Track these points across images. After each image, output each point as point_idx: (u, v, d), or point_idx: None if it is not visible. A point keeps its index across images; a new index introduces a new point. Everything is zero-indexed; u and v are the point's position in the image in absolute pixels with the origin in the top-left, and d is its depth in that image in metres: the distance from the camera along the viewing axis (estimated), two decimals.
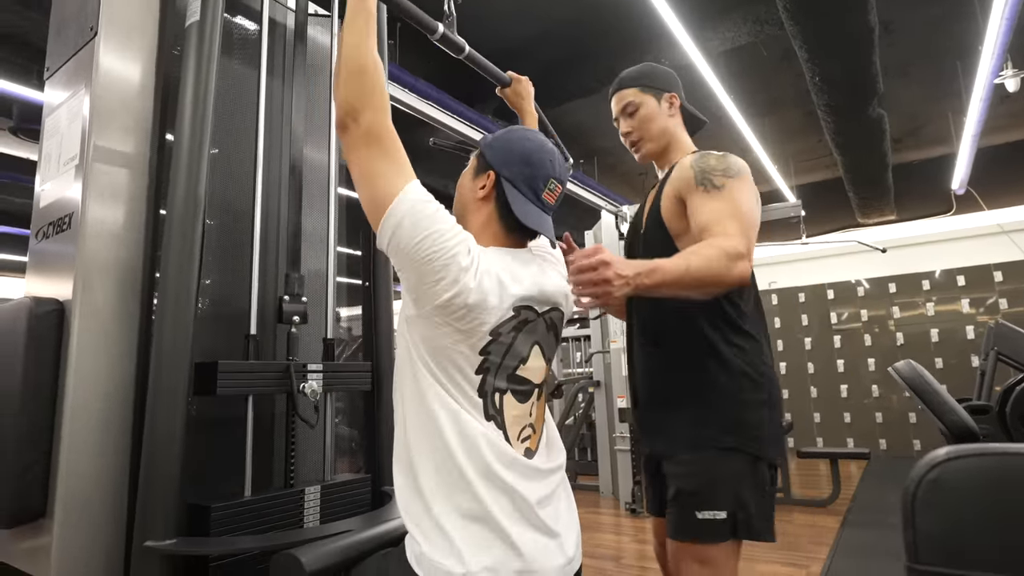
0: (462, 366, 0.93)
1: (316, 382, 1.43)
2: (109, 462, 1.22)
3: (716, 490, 1.17)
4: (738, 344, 1.23)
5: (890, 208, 6.49)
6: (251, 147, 1.50)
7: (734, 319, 1.24)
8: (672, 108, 1.42)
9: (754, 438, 1.19)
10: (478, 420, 0.92)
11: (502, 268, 0.96)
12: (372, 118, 0.93)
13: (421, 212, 0.89)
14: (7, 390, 1.17)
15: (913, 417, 6.43)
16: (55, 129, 1.40)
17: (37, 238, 1.38)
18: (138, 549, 1.11)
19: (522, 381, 0.99)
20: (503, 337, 0.95)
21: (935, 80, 4.92)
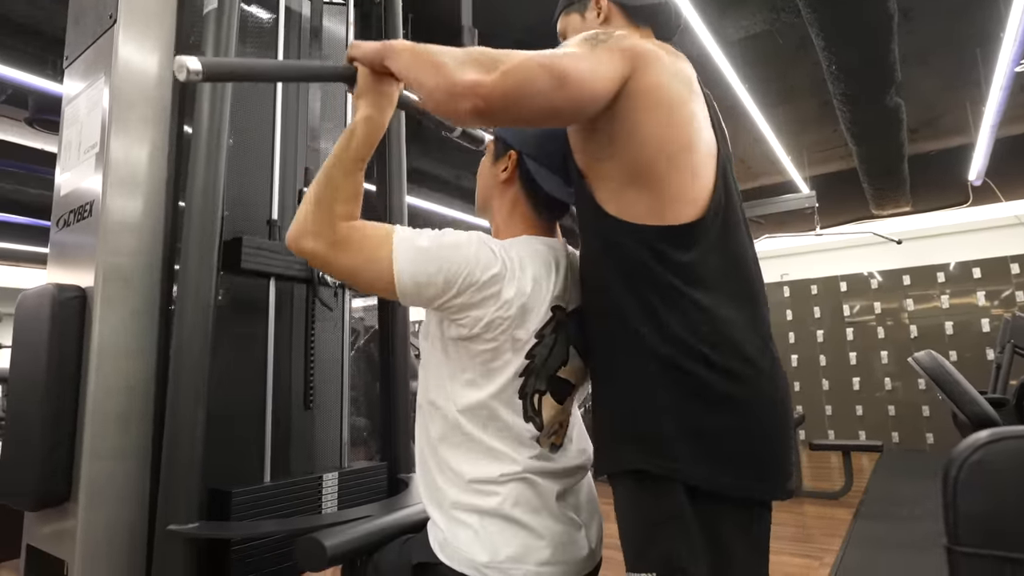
0: (507, 369, 0.91)
1: None
2: (131, 446, 1.24)
3: (637, 539, 0.83)
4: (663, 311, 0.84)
5: (905, 199, 6.41)
6: (268, 137, 1.51)
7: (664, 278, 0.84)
8: (600, 12, 1.07)
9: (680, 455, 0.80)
10: (515, 422, 0.91)
11: (537, 265, 0.94)
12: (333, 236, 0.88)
13: (422, 263, 0.86)
14: (32, 375, 1.19)
15: (926, 410, 6.38)
16: (74, 117, 1.41)
17: (58, 226, 1.39)
18: (161, 532, 1.13)
19: (562, 382, 0.96)
20: (547, 339, 0.93)
21: (954, 68, 4.84)
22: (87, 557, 1.15)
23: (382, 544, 1.00)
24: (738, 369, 0.83)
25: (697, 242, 0.86)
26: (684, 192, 0.87)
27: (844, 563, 2.83)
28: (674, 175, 0.86)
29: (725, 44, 3.62)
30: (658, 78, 0.87)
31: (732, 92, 4.21)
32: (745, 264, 0.92)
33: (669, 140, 0.86)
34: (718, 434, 0.81)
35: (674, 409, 0.81)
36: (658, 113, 0.86)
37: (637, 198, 0.87)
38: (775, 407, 0.85)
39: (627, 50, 0.86)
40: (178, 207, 1.36)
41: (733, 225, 0.91)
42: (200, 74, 0.82)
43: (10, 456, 1.23)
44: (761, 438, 0.83)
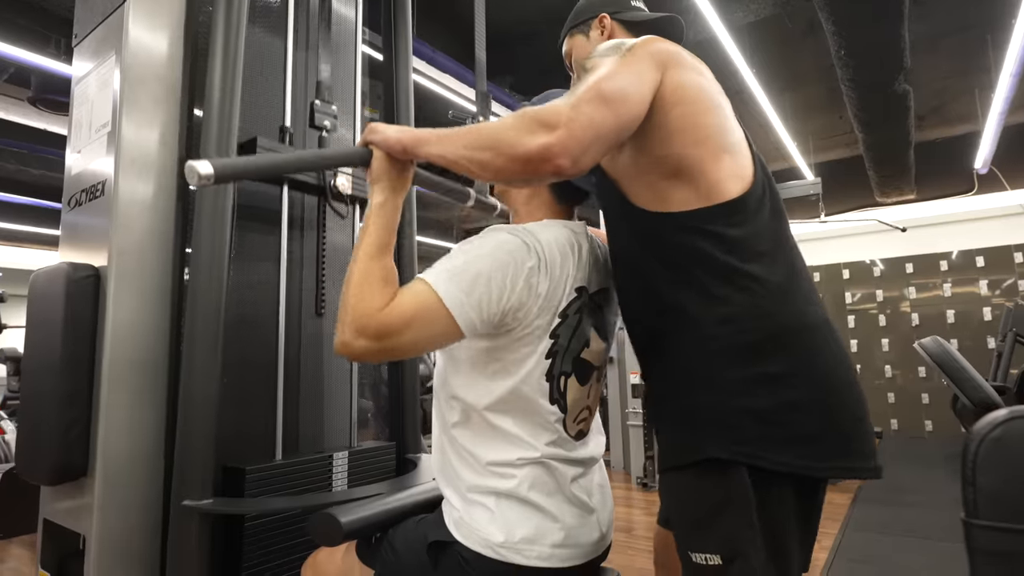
0: (534, 354, 0.91)
1: (346, 179, 1.49)
2: (146, 423, 1.25)
3: (699, 521, 0.83)
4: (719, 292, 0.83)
5: (910, 187, 6.39)
6: (278, 119, 1.51)
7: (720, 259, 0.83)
8: (604, 31, 1.14)
9: (748, 438, 0.79)
10: (541, 404, 0.92)
11: (560, 246, 0.94)
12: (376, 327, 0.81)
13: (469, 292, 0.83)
14: (47, 353, 1.20)
15: (926, 398, 6.42)
16: (84, 97, 1.41)
17: (70, 205, 1.40)
18: (177, 508, 1.15)
19: (585, 364, 0.97)
20: (570, 319, 0.93)
21: (963, 54, 4.79)
22: (104, 531, 1.17)
23: (396, 521, 1.02)
24: (803, 341, 0.82)
25: (748, 216, 0.86)
26: (729, 170, 0.87)
27: (843, 546, 2.87)
28: (716, 157, 0.87)
29: (733, 29, 3.59)
30: (687, 74, 0.88)
31: (739, 77, 4.19)
32: (790, 235, 0.93)
33: (706, 127, 0.87)
34: (793, 411, 0.79)
35: (742, 391, 0.80)
36: (692, 106, 0.87)
37: (680, 187, 0.87)
38: (844, 374, 0.83)
39: (654, 53, 0.87)
40: (190, 188, 1.36)
41: (776, 197, 0.93)
42: (212, 178, 0.77)
43: (28, 433, 1.25)
44: (837, 411, 0.81)
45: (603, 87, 0.79)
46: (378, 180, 0.91)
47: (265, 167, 0.92)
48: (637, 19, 1.13)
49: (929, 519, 3.26)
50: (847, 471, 0.81)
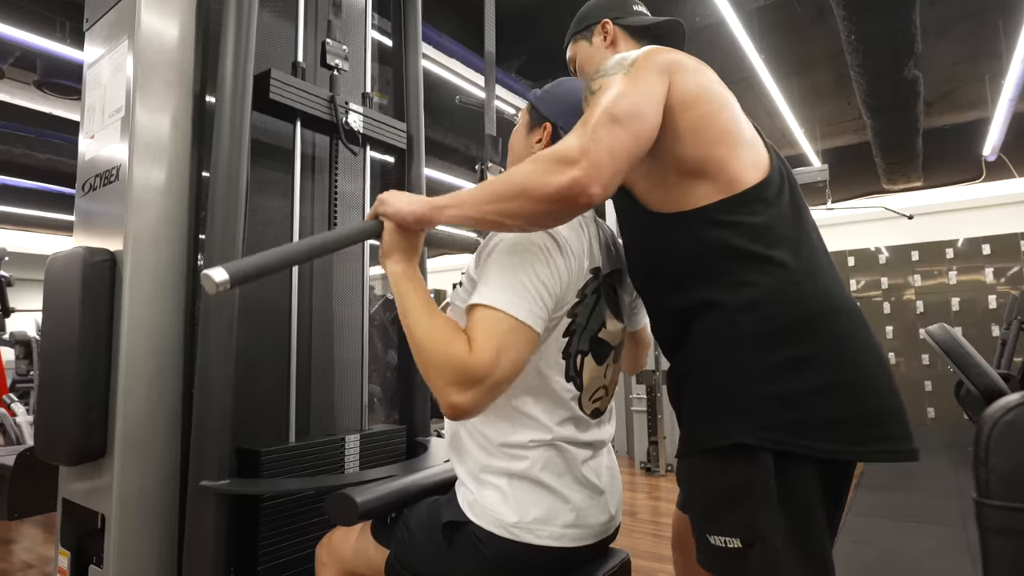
0: (552, 332, 0.92)
1: (358, 119, 1.51)
2: (162, 405, 1.27)
3: (719, 505, 0.83)
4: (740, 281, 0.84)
5: (917, 174, 6.36)
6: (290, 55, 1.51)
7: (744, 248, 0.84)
8: (607, 37, 1.13)
9: (772, 423, 0.79)
10: (557, 381, 0.93)
11: (577, 230, 0.96)
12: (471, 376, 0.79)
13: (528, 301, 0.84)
14: (66, 336, 1.22)
15: (928, 385, 6.44)
16: (97, 82, 1.41)
17: (84, 190, 1.41)
18: (194, 488, 1.17)
19: (602, 343, 0.99)
20: (588, 299, 0.95)
21: (974, 40, 4.74)
22: (124, 510, 1.20)
23: (410, 502, 1.04)
24: (829, 324, 0.82)
25: (770, 202, 0.87)
26: (748, 159, 0.89)
27: (846, 530, 2.90)
28: (734, 151, 0.88)
29: (742, 13, 3.56)
30: (693, 77, 0.89)
31: (747, 62, 4.15)
32: (811, 220, 0.94)
33: (720, 123, 0.89)
34: (820, 395, 0.79)
35: (768, 376, 0.80)
36: (705, 106, 0.88)
37: (700, 184, 0.88)
38: (872, 356, 0.84)
39: (658, 63, 0.88)
40: (202, 171, 1.37)
41: (794, 184, 0.95)
42: (228, 283, 0.78)
43: (47, 415, 1.27)
44: (864, 391, 0.81)
45: (614, 110, 0.79)
46: (390, 254, 0.91)
47: (282, 259, 0.88)
48: (639, 24, 1.13)
49: (931, 504, 3.29)
50: (881, 454, 0.80)
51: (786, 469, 0.78)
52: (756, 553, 0.78)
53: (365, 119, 1.54)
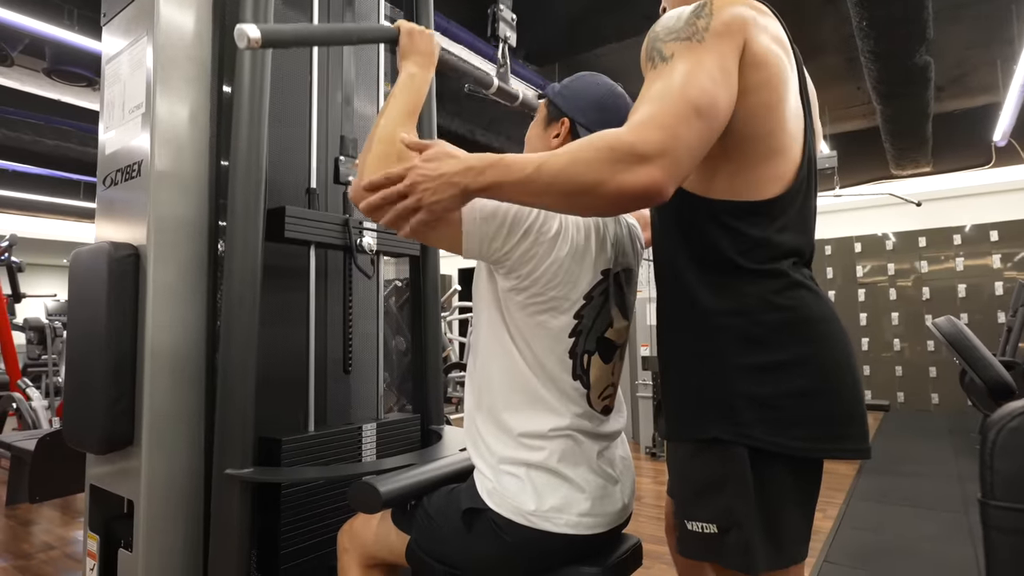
0: (556, 330, 0.96)
1: (371, 239, 1.52)
2: (187, 395, 1.31)
3: (698, 493, 0.87)
4: (733, 286, 0.85)
5: (926, 160, 6.30)
6: (305, 107, 1.52)
7: (725, 252, 0.85)
8: None
9: (747, 422, 0.82)
10: (564, 380, 0.97)
11: (588, 231, 0.98)
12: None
13: (488, 211, 0.89)
14: (93, 328, 1.25)
15: (933, 371, 6.45)
16: (116, 76, 1.43)
17: (105, 184, 1.43)
18: (219, 476, 1.21)
19: (608, 343, 1.02)
20: (595, 300, 0.98)
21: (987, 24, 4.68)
22: (152, 496, 1.24)
23: (430, 490, 1.08)
24: (811, 332, 0.84)
25: (776, 218, 0.86)
26: (772, 171, 0.85)
27: (848, 515, 2.94)
28: (763, 158, 0.85)
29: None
30: (762, 51, 0.81)
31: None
32: (812, 229, 0.93)
33: (765, 124, 0.84)
34: (798, 398, 0.81)
35: (749, 378, 0.83)
36: (757, 95, 0.81)
37: (718, 174, 0.85)
38: (847, 364, 0.86)
39: (735, 26, 0.79)
40: (221, 163, 1.39)
41: (809, 197, 0.92)
42: (259, 41, 0.86)
43: (75, 406, 1.31)
44: (833, 399, 0.83)
45: (697, 100, 0.73)
46: (407, 55, 1.01)
47: (309, 36, 1.08)
48: None
49: (933, 490, 3.33)
50: (844, 452, 0.84)
51: (761, 464, 0.81)
52: (731, 538, 0.81)
53: (379, 235, 1.54)
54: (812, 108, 0.96)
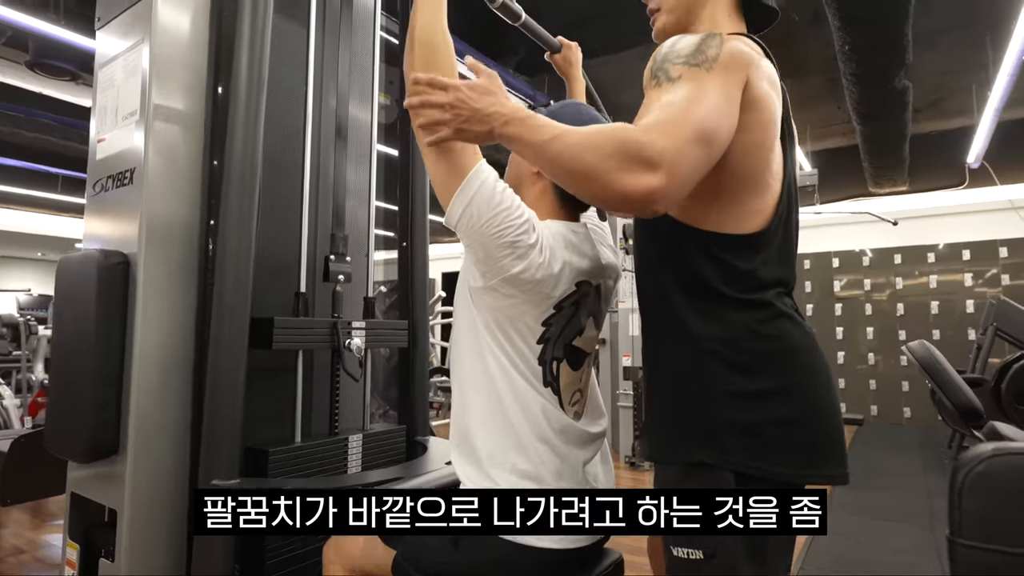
0: (525, 335, 0.99)
1: (360, 339, 1.50)
2: (173, 405, 1.30)
3: None
4: (720, 315, 0.87)
5: (903, 179, 6.47)
6: (300, 104, 1.53)
7: (711, 281, 0.87)
8: None
9: (732, 448, 0.83)
10: (536, 387, 1.00)
11: (565, 244, 1.01)
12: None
13: (491, 190, 0.92)
14: (82, 335, 1.24)
15: (906, 385, 6.61)
16: (110, 82, 1.42)
17: (95, 189, 1.42)
18: (205, 487, 1.20)
19: (577, 351, 1.05)
20: (565, 310, 1.01)
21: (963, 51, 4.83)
22: (136, 506, 1.23)
23: None
24: (796, 361, 0.87)
25: (758, 251, 0.88)
26: (754, 206, 0.88)
27: None
28: (749, 193, 0.88)
29: None
30: (760, 93, 0.85)
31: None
32: (793, 259, 0.96)
33: (755, 162, 0.87)
34: (781, 426, 0.83)
35: (734, 405, 0.84)
36: (752, 134, 0.84)
37: (707, 206, 0.88)
38: (828, 392, 0.89)
39: (740, 63, 0.83)
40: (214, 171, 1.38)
41: (789, 229, 0.95)
42: None
43: (60, 413, 1.30)
44: (815, 427, 0.86)
45: (706, 127, 0.76)
46: None
47: None
48: None
49: (903, 504, 3.41)
50: (824, 478, 0.87)
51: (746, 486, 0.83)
52: (717, 564, 0.82)
53: (368, 331, 1.53)
54: (794, 144, 1.00)
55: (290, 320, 1.39)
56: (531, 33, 1.62)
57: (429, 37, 0.98)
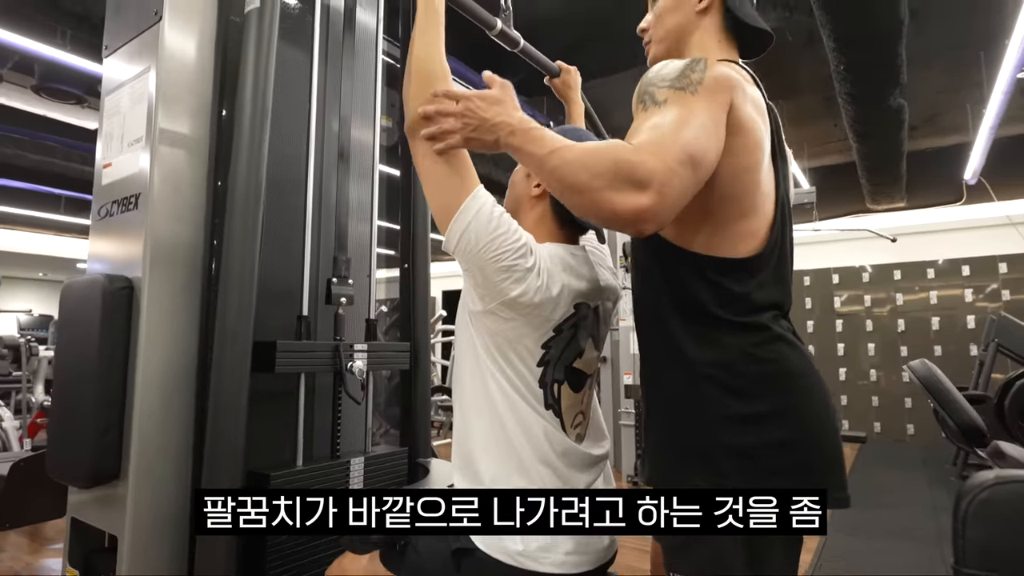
0: (525, 358, 0.99)
1: (362, 361, 1.51)
2: (175, 429, 1.30)
3: (687, 545, 0.87)
4: (716, 338, 0.87)
5: (900, 195, 6.52)
6: (303, 128, 1.55)
7: (708, 305, 0.87)
8: (705, 3, 1.00)
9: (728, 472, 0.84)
10: (538, 409, 1.00)
11: (564, 267, 1.02)
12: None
13: (488, 215, 0.94)
14: (85, 360, 1.25)
15: (908, 402, 6.58)
16: (116, 109, 1.44)
17: (100, 214, 1.44)
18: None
19: (577, 373, 1.05)
20: (564, 332, 1.02)
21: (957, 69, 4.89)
22: (137, 532, 1.22)
23: None
24: (792, 384, 0.87)
25: (753, 275, 0.89)
26: (745, 230, 0.89)
27: (827, 548, 2.97)
28: (739, 216, 0.88)
29: None
30: (745, 116, 0.86)
31: None
32: (789, 281, 0.96)
33: (742, 185, 0.88)
34: (778, 449, 0.83)
35: (731, 429, 0.84)
36: (737, 157, 0.85)
37: (699, 229, 0.89)
38: (826, 414, 0.88)
39: (724, 86, 0.84)
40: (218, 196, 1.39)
41: (784, 251, 0.95)
42: None
43: (61, 438, 1.30)
44: (813, 450, 0.86)
45: (695, 150, 0.78)
46: None
47: None
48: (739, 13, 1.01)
49: (909, 522, 3.38)
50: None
51: None
52: None
53: (370, 353, 1.53)
54: (787, 167, 1.01)
55: (293, 344, 1.39)
56: (530, 59, 1.65)
57: (427, 65, 1.00)
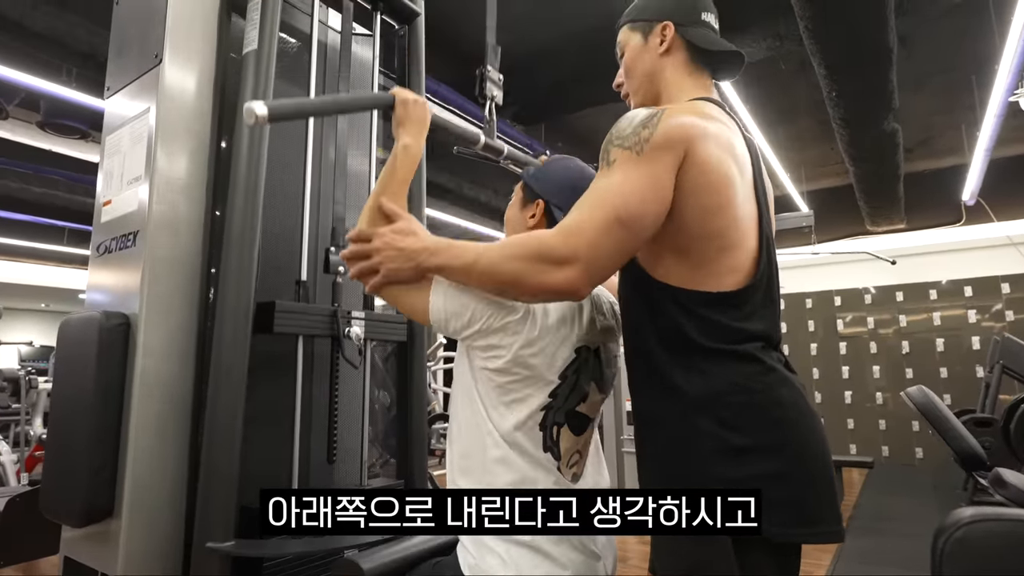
0: (529, 403, 0.98)
1: (359, 327, 1.52)
2: (170, 466, 1.30)
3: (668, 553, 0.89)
4: (704, 369, 0.87)
5: (900, 217, 6.54)
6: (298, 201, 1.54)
7: (696, 339, 0.88)
8: (664, 42, 1.03)
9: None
10: (535, 451, 0.99)
11: (562, 310, 1.01)
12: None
13: (456, 290, 0.95)
14: (81, 396, 1.25)
15: (916, 425, 6.50)
16: (117, 148, 1.47)
17: (99, 251, 1.45)
18: (199, 549, 1.19)
19: (581, 416, 1.04)
20: (569, 379, 1.01)
21: (949, 93, 4.96)
22: (130, 570, 1.21)
23: (413, 566, 1.07)
24: (782, 416, 0.87)
25: (739, 307, 0.89)
26: (727, 265, 0.89)
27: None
28: (718, 253, 0.89)
29: None
30: (706, 158, 0.87)
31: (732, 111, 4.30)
32: (777, 313, 0.97)
33: (715, 224, 0.88)
34: (772, 481, 0.82)
35: (722, 462, 0.84)
36: (703, 198, 0.87)
37: (678, 265, 0.90)
38: (818, 446, 0.88)
39: (675, 139, 0.86)
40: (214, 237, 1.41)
41: (771, 285, 0.95)
42: (267, 118, 0.93)
43: (56, 475, 1.29)
44: (808, 483, 0.85)
45: (621, 213, 0.84)
46: (403, 123, 1.07)
47: (312, 108, 1.26)
48: (701, 44, 1.04)
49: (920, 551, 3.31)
50: (818, 536, 0.85)
51: (743, 548, 0.82)
52: None
53: (367, 323, 1.55)
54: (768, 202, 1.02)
55: (291, 304, 1.39)
56: (517, 163, 1.71)
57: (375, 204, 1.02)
